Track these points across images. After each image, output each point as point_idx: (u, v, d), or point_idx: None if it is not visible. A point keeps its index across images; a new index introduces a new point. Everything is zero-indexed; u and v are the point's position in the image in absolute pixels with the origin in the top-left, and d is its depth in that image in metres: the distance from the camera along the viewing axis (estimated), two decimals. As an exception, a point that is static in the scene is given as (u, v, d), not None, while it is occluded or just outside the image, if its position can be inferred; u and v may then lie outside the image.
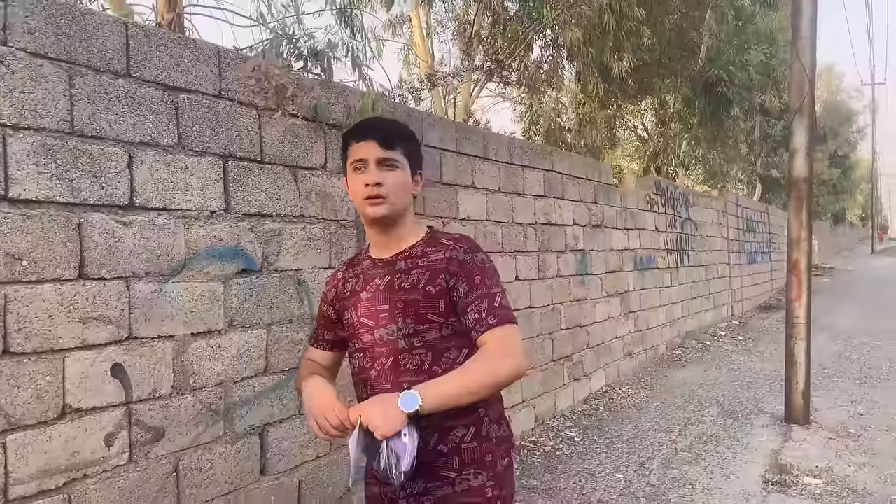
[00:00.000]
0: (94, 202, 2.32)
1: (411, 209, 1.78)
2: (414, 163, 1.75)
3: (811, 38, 5.36)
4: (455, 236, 1.76)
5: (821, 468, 4.51)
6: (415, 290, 1.68)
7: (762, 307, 14.36)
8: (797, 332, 5.48)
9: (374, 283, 1.75)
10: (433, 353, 1.67)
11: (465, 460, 1.66)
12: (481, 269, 1.68)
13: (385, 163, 1.67)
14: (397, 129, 1.75)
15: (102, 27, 2.38)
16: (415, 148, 1.77)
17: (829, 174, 26.57)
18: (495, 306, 1.62)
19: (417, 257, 1.72)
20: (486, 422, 1.71)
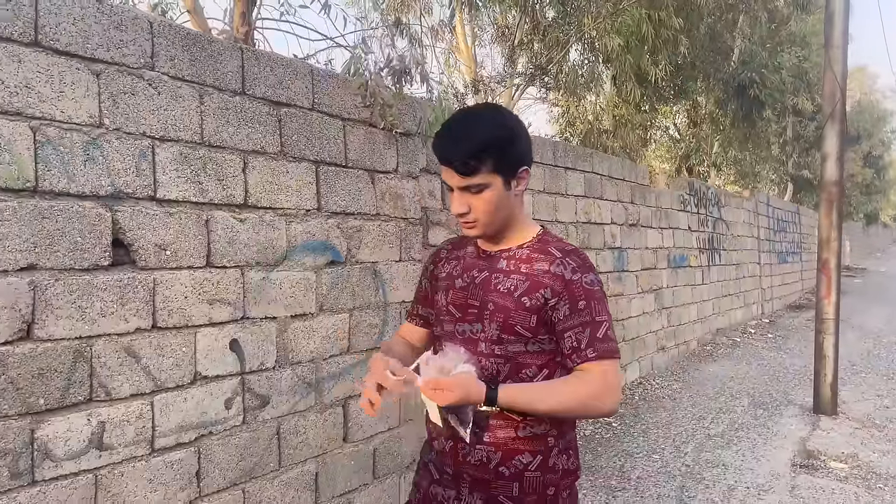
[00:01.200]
0: (218, 202, 2.73)
1: (518, 207, 1.65)
2: (510, 167, 1.57)
3: (843, 49, 5.63)
4: (567, 248, 1.64)
5: (846, 454, 4.80)
6: (509, 297, 1.58)
7: (792, 306, 14.50)
8: (826, 328, 5.76)
9: (471, 274, 1.68)
10: (511, 366, 1.58)
11: (525, 489, 1.57)
12: (588, 291, 1.56)
13: (469, 189, 1.55)
14: (478, 144, 1.52)
15: (224, 52, 2.79)
16: (507, 151, 1.56)
17: (862, 174, 26.42)
18: (598, 337, 1.53)
19: (521, 260, 1.62)
20: (554, 451, 1.60)
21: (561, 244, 1.66)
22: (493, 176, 1.54)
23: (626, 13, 6.78)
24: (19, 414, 2.10)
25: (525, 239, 1.66)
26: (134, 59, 2.44)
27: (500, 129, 1.56)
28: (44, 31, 2.18)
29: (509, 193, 1.59)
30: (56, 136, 2.20)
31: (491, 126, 1.56)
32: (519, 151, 1.59)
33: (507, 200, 1.59)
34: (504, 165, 1.55)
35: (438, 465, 1.69)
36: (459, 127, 1.58)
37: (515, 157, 1.58)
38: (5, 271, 2.06)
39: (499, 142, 1.54)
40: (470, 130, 1.55)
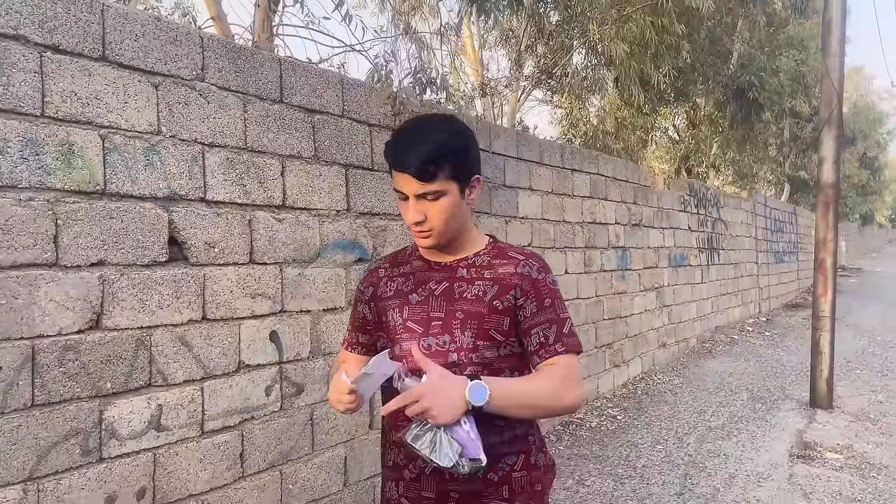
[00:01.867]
0: (259, 203, 2.93)
1: (469, 216, 1.64)
2: (465, 175, 1.55)
3: (840, 57, 5.85)
4: (525, 251, 1.66)
5: (842, 445, 5.02)
6: (479, 303, 1.57)
7: (789, 305, 14.74)
8: (822, 325, 5.99)
9: (427, 287, 1.63)
10: (488, 373, 1.54)
11: (514, 489, 1.58)
12: (552, 290, 1.60)
13: (426, 196, 1.52)
14: (436, 149, 1.50)
15: (265, 63, 2.99)
16: (462, 159, 1.55)
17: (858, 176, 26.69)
18: (564, 333, 1.56)
19: (483, 267, 1.61)
20: (534, 449, 1.63)
21: (517, 248, 1.67)
22: (450, 182, 1.52)
23: (630, 20, 6.99)
24: (90, 396, 2.30)
25: (479, 247, 1.65)
26: (187, 72, 2.65)
27: (455, 136, 1.55)
28: (110, 46, 2.38)
29: (463, 201, 1.57)
30: (121, 143, 2.40)
31: (447, 133, 1.54)
32: (472, 160, 1.59)
33: (462, 208, 1.57)
34: (460, 172, 1.53)
35: (413, 495, 1.59)
36: (415, 133, 1.55)
37: (470, 164, 1.57)
38: (79, 266, 2.27)
39: (455, 148, 1.53)
40: (427, 136, 1.52)
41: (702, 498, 4.02)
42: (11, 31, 2.12)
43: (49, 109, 2.20)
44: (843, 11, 5.87)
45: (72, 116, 2.26)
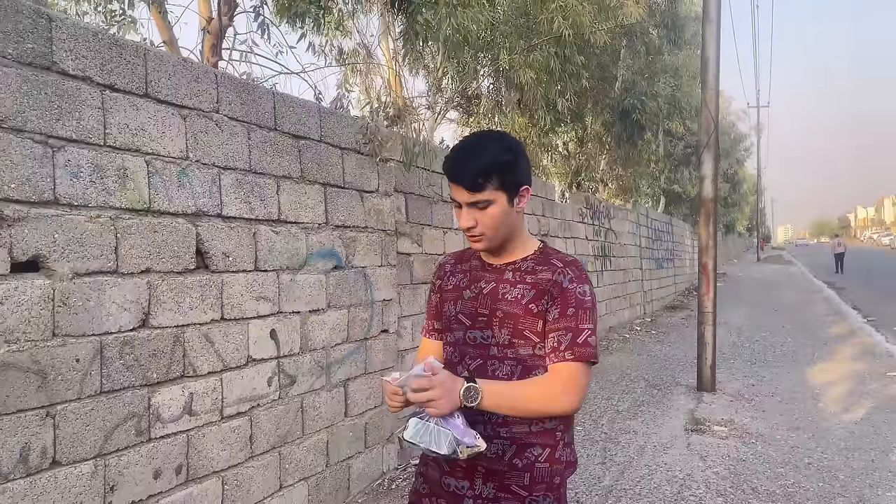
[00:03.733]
0: (261, 218, 3.36)
1: (521, 223, 1.79)
2: (513, 186, 1.70)
3: (716, 91, 6.88)
4: (567, 259, 1.77)
5: (725, 419, 5.95)
6: (517, 305, 1.71)
7: (668, 307, 16.21)
8: (706, 319, 6.97)
9: (478, 285, 1.80)
10: (523, 368, 1.69)
11: (535, 478, 1.69)
12: (579, 300, 1.68)
13: (476, 205, 1.68)
14: (486, 164, 1.66)
15: (263, 96, 3.43)
16: (510, 171, 1.69)
17: (722, 189, 29.35)
18: (577, 342, 1.64)
19: (526, 272, 1.75)
20: (560, 445, 1.74)
21: (562, 256, 1.79)
22: (497, 193, 1.67)
23: (536, 50, 7.78)
24: (141, 385, 2.67)
25: (527, 252, 1.80)
26: (207, 105, 3.06)
27: (504, 153, 1.69)
28: (151, 84, 2.78)
29: (512, 210, 1.71)
30: (161, 167, 2.79)
31: (497, 149, 1.69)
32: (521, 172, 1.72)
33: (510, 216, 1.71)
34: (508, 184, 1.68)
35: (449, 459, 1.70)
36: (470, 149, 1.72)
37: (518, 177, 1.70)
38: (133, 273, 2.64)
39: (503, 163, 1.67)
40: (479, 152, 1.69)
41: (621, 465, 4.75)
42: (81, 74, 2.48)
43: (109, 139, 2.58)
44: (717, 52, 6.90)
45: (125, 145, 2.64)
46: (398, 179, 4.73)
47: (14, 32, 2.26)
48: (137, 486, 2.64)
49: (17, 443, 2.22)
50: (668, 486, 4.33)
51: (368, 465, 4.26)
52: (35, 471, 2.27)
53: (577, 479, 4.46)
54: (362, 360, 4.18)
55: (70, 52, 2.44)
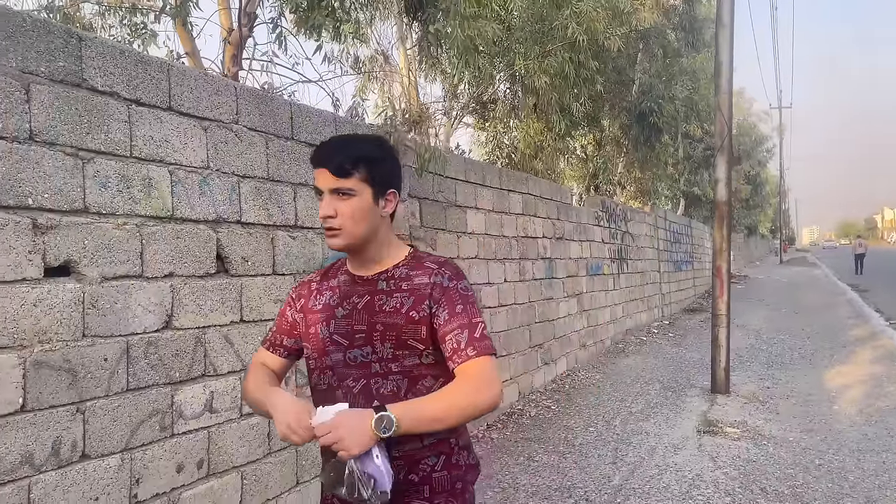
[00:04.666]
0: (279, 224, 3.51)
1: (386, 230, 1.71)
2: (380, 183, 1.65)
3: (729, 94, 6.93)
4: (440, 260, 1.72)
5: (738, 421, 5.99)
6: (397, 314, 1.63)
7: (687, 310, 16.17)
8: (720, 322, 7.01)
9: (351, 301, 1.69)
10: (409, 380, 1.63)
11: (435, 488, 1.64)
12: (463, 296, 1.65)
13: (339, 192, 1.61)
14: (355, 152, 1.63)
15: (280, 106, 3.58)
16: (382, 167, 1.66)
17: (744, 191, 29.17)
18: (475, 337, 1.60)
19: (401, 279, 1.67)
20: (455, 450, 1.69)
21: (434, 258, 1.74)
22: (363, 185, 1.61)
23: (551, 55, 7.88)
24: (164, 383, 2.82)
25: (398, 259, 1.71)
26: (227, 116, 3.21)
27: (376, 149, 1.68)
28: (174, 98, 2.93)
29: (376, 209, 1.65)
30: (183, 176, 2.94)
31: (369, 144, 1.71)
32: (390, 174, 1.69)
33: (373, 215, 1.64)
34: (375, 179, 1.63)
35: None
36: (342, 138, 1.78)
37: (386, 176, 1.67)
38: (156, 277, 2.79)
39: (373, 156, 1.65)
40: (350, 142, 1.73)
41: (631, 465, 4.83)
42: (109, 89, 2.64)
43: (135, 151, 2.73)
44: (730, 56, 6.95)
45: (150, 156, 2.79)
46: (412, 185, 4.86)
47: (46, 52, 2.42)
48: (161, 479, 2.78)
49: (49, 436, 2.37)
50: (677, 486, 4.40)
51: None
52: (66, 463, 2.42)
53: (587, 478, 4.55)
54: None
55: (99, 70, 2.60)
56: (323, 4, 4.67)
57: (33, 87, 2.37)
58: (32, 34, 2.38)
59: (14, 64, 2.32)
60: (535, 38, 8.26)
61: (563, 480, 4.52)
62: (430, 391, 1.62)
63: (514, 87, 9.06)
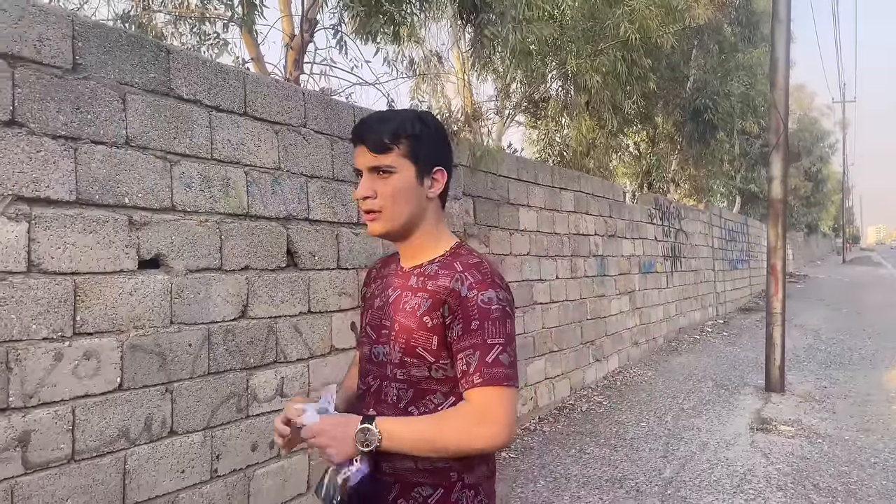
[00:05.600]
0: (343, 221, 3.71)
1: (434, 215, 1.54)
2: (425, 159, 1.49)
3: (785, 91, 6.88)
4: (469, 262, 1.50)
5: (792, 420, 5.97)
6: (412, 316, 1.47)
7: (742, 309, 15.92)
8: (775, 320, 6.97)
9: (387, 293, 1.57)
10: (415, 392, 1.47)
11: None
12: (483, 311, 1.41)
13: (378, 171, 1.47)
14: (395, 127, 1.47)
15: (344, 110, 3.78)
16: (426, 142, 1.49)
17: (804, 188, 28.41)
18: (487, 362, 1.38)
19: (429, 277, 1.50)
20: (458, 486, 1.46)
21: (467, 257, 1.52)
22: (404, 161, 1.47)
23: (603, 54, 7.93)
24: (241, 368, 3.05)
25: (438, 253, 1.54)
26: (296, 120, 3.42)
27: (419, 123, 1.51)
28: (249, 104, 3.15)
29: (421, 190, 1.49)
30: (257, 177, 3.17)
31: (412, 117, 1.52)
32: (436, 149, 1.52)
33: (417, 196, 1.49)
34: (418, 154, 1.48)
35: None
36: (382, 113, 1.57)
37: (431, 152, 1.51)
38: (233, 270, 3.02)
39: (416, 130, 1.49)
40: (390, 116, 1.52)
41: (682, 459, 4.90)
42: (192, 97, 2.88)
43: (215, 153, 2.96)
44: (787, 53, 6.90)
45: (228, 158, 3.02)
46: (466, 183, 5.02)
47: (140, 64, 2.67)
48: (238, 456, 3.02)
49: (142, 413, 2.61)
50: (728, 480, 4.45)
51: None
52: (156, 438, 2.67)
53: (637, 470, 4.64)
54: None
55: (184, 80, 2.84)
56: (382, 10, 4.85)
57: (129, 96, 2.61)
58: (127, 48, 2.63)
59: (112, 76, 2.57)
60: (586, 36, 8.32)
61: (615, 472, 4.62)
62: (437, 408, 1.46)
63: (566, 86, 9.13)
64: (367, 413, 1.47)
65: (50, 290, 2.33)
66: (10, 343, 2.22)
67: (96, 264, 2.48)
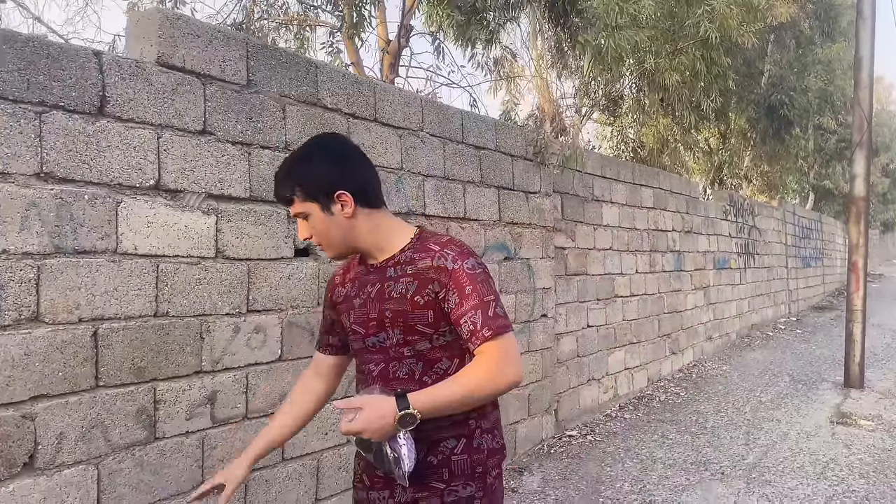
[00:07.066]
0: (452, 216, 4.07)
1: (367, 225, 1.67)
2: (321, 193, 1.62)
3: (869, 88, 6.91)
4: (443, 240, 1.69)
5: (872, 415, 6.06)
6: (403, 300, 1.63)
7: (815, 307, 15.68)
8: (855, 317, 7.02)
9: (366, 291, 1.72)
10: (423, 363, 1.64)
11: (454, 472, 1.63)
12: (471, 276, 1.60)
13: (299, 217, 1.67)
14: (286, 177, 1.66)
15: (454, 115, 4.13)
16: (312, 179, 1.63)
17: (881, 184, 27.49)
18: (489, 316, 1.57)
19: (406, 263, 1.66)
20: (477, 433, 1.67)
21: (437, 238, 1.70)
22: (307, 204, 1.63)
23: (682, 53, 8.07)
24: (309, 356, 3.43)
25: (404, 242, 1.69)
26: (415, 125, 3.79)
27: (300, 162, 1.67)
28: (378, 111, 3.53)
29: (334, 217, 1.63)
30: (384, 176, 3.54)
31: (297, 161, 1.68)
32: (327, 177, 1.62)
33: (336, 224, 1.64)
34: (313, 193, 1.62)
35: (369, 472, 1.74)
36: (283, 165, 1.71)
37: (322, 183, 1.62)
38: (366, 259, 3.41)
39: (299, 173, 1.64)
40: (287, 167, 1.68)
41: (764, 447, 5.09)
42: (334, 106, 3.27)
43: (352, 155, 3.35)
44: (871, 51, 6.92)
45: (362, 159, 3.40)
46: (555, 181, 5.31)
47: (295, 79, 3.07)
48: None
49: (296, 381, 3.02)
50: (811, 467, 4.64)
51: (530, 431, 4.88)
52: (307, 403, 3.07)
53: (720, 455, 4.86)
54: (526, 340, 4.80)
55: (328, 91, 3.23)
56: (478, 18, 5.18)
57: (287, 107, 3.02)
58: (286, 65, 3.03)
59: (275, 90, 2.97)
60: (665, 36, 8.46)
61: (698, 456, 4.85)
62: (446, 372, 1.63)
63: (642, 84, 9.28)
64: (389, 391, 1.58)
65: (231, 273, 2.75)
66: (203, 317, 2.65)
67: (264, 252, 2.89)
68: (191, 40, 2.64)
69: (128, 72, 2.42)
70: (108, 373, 2.34)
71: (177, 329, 2.56)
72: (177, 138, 2.58)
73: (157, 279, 2.50)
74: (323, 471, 3.18)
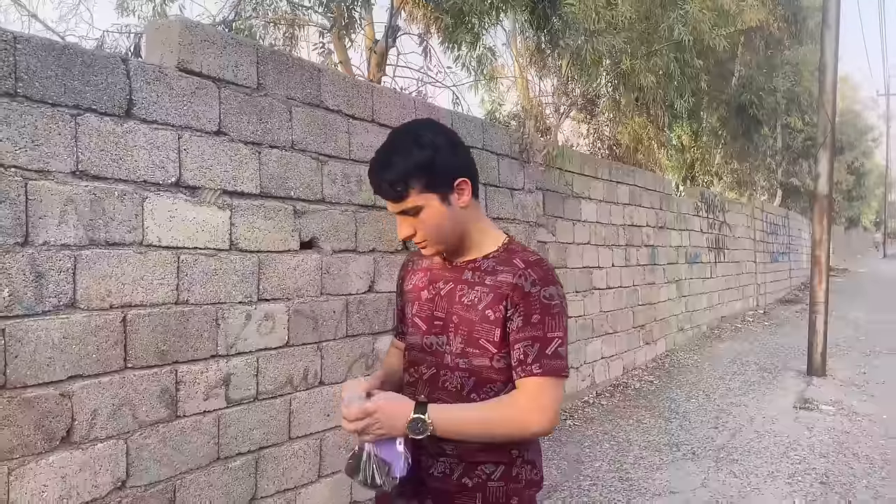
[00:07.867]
0: (443, 211, 4.29)
1: (474, 217, 1.61)
2: (442, 183, 1.53)
3: (833, 93, 7.27)
4: (530, 259, 1.57)
5: (834, 401, 6.42)
6: (473, 309, 1.55)
7: (782, 301, 16.21)
8: (818, 309, 7.40)
9: (437, 286, 1.64)
10: (476, 380, 1.55)
11: (489, 499, 1.55)
12: (544, 306, 1.50)
13: (407, 213, 1.54)
14: (399, 171, 1.50)
15: (445, 115, 4.35)
16: (431, 170, 1.51)
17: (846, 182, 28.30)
18: (546, 353, 1.48)
19: (486, 272, 1.57)
20: (518, 462, 1.58)
21: (526, 255, 1.60)
22: (424, 195, 1.51)
23: (657, 55, 8.38)
24: (369, 333, 3.66)
25: (491, 248, 1.62)
26: (409, 125, 4.00)
27: (419, 151, 1.51)
28: (376, 112, 3.75)
29: (451, 208, 1.55)
30: (381, 173, 3.76)
31: (410, 150, 1.52)
32: (448, 163, 1.54)
33: (453, 216, 1.56)
34: (433, 183, 1.52)
35: None
36: (382, 155, 1.56)
37: (445, 171, 1.53)
38: (364, 252, 3.63)
39: (420, 163, 1.50)
40: (391, 157, 1.53)
41: (732, 430, 5.41)
42: (336, 108, 3.48)
43: (352, 154, 3.56)
44: (835, 58, 7.28)
45: (361, 158, 3.62)
46: (538, 178, 5.56)
47: (300, 82, 3.27)
48: (366, 406, 3.63)
49: (302, 366, 3.24)
50: (775, 448, 4.96)
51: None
52: (311, 386, 3.29)
53: (691, 438, 5.18)
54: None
55: (330, 93, 3.44)
56: (464, 21, 5.40)
57: (293, 109, 3.22)
58: (292, 69, 3.23)
59: (282, 92, 3.17)
60: (641, 38, 8.77)
61: (671, 439, 5.16)
62: (497, 395, 1.54)
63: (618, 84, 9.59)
64: (419, 399, 1.52)
65: (243, 264, 2.96)
66: (219, 304, 2.85)
67: (272, 244, 3.10)
68: (207, 47, 2.83)
69: (152, 77, 2.60)
70: (135, 355, 2.54)
71: (195, 316, 2.76)
72: (195, 138, 2.77)
73: (178, 269, 2.70)
74: (325, 449, 3.39)
